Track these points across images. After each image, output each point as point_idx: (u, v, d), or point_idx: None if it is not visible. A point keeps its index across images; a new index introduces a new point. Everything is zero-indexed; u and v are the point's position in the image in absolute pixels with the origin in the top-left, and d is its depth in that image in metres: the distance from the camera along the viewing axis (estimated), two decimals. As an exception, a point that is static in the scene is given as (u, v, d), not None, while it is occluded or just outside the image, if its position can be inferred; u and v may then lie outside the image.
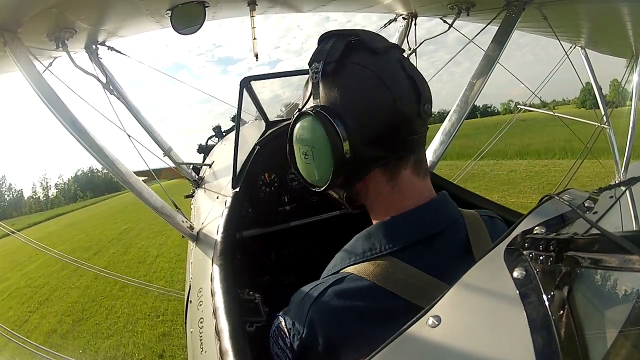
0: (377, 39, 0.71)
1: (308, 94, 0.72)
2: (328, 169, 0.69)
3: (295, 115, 0.73)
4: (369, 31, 0.73)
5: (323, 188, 0.72)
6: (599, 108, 3.90)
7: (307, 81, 0.73)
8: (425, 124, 0.72)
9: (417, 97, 0.68)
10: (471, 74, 2.10)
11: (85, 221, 21.86)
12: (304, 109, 0.71)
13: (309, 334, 0.65)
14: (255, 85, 1.92)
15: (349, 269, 0.68)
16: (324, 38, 0.73)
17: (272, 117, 2.25)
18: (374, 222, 0.75)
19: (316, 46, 0.73)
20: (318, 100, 0.69)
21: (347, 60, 0.68)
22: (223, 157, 2.68)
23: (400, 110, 0.66)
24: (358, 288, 0.64)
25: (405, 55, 0.74)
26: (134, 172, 1.69)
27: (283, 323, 0.71)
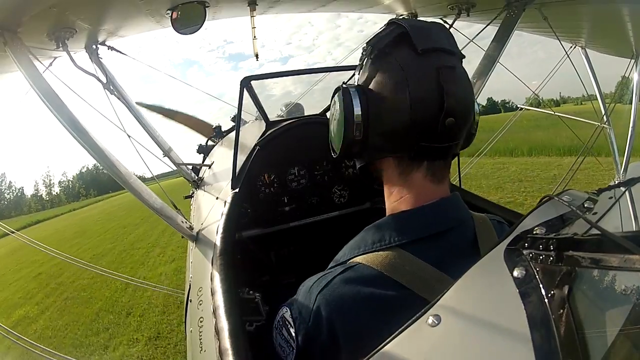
0: (428, 38, 0.69)
1: (357, 71, 0.77)
2: (340, 140, 0.75)
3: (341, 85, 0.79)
4: (432, 26, 0.73)
5: (336, 155, 0.79)
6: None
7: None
8: (447, 138, 0.69)
9: (439, 108, 0.66)
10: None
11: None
12: (344, 84, 0.76)
13: (315, 322, 0.66)
14: (267, 82, 1.92)
15: (358, 259, 0.69)
16: (388, 24, 0.75)
17: (272, 116, 2.25)
18: (387, 209, 0.78)
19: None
20: (357, 79, 0.76)
21: (389, 53, 0.70)
22: (223, 158, 2.68)
23: (415, 116, 0.67)
24: (365, 276, 0.66)
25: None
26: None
27: (288, 313, 0.71)
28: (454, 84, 0.67)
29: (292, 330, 0.69)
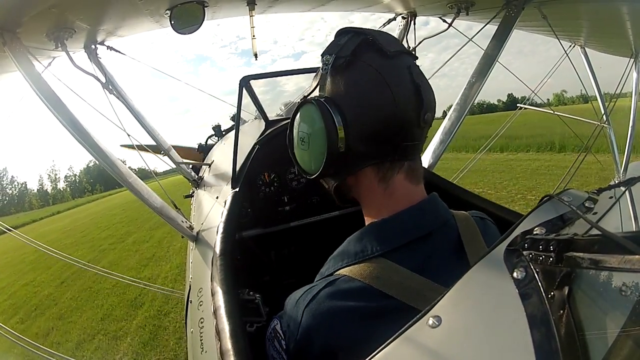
0: (391, 43, 0.71)
1: (315, 83, 0.74)
2: (321, 158, 0.70)
3: (299, 102, 0.76)
4: (385, 33, 0.74)
5: (314, 176, 0.75)
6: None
7: (317, 72, 0.75)
8: (423, 133, 0.73)
9: (418, 104, 0.68)
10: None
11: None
12: (308, 97, 0.73)
13: (304, 337, 0.65)
14: (279, 78, 1.92)
15: (342, 271, 0.68)
16: (341, 33, 0.75)
17: (271, 116, 2.25)
18: (366, 220, 0.76)
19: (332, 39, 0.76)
20: (323, 91, 0.72)
21: (358, 58, 0.69)
22: (223, 157, 2.68)
23: (399, 114, 0.67)
24: (351, 289, 0.65)
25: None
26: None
27: (278, 326, 0.71)
28: (424, 81, 0.71)
29: (283, 343, 0.69)
